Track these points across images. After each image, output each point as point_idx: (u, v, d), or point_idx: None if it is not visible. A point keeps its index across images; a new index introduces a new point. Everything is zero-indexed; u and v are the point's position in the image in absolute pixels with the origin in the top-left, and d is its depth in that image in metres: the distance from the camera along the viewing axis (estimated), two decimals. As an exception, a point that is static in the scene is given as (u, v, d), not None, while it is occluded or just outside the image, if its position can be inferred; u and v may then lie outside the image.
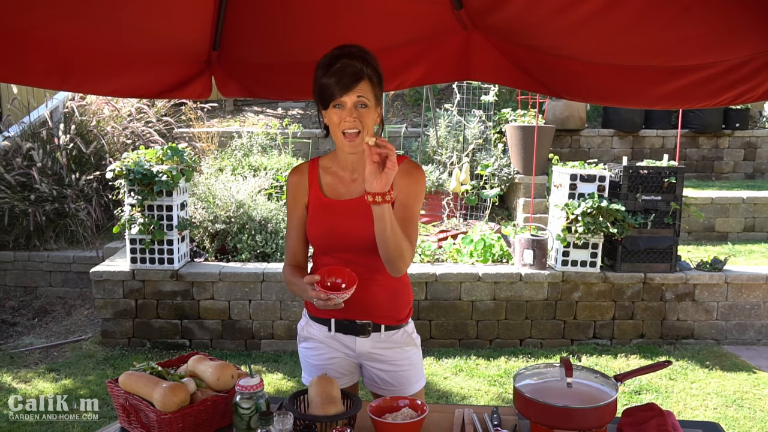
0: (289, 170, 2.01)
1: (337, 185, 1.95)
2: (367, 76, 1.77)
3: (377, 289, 1.94)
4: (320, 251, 1.99)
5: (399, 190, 1.88)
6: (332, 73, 1.75)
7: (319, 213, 1.94)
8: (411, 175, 1.90)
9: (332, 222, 1.92)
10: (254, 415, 1.60)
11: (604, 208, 4.67)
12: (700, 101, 1.85)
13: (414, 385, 2.04)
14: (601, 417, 1.64)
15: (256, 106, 8.62)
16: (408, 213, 1.88)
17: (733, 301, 4.96)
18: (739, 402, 4.01)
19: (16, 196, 5.77)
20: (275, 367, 4.51)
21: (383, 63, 1.85)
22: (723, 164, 7.89)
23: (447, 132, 6.90)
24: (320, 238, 1.95)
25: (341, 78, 1.74)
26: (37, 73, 1.92)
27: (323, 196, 1.94)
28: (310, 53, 2.29)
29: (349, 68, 1.74)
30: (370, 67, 1.78)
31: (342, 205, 1.92)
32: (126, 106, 6.80)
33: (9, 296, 5.67)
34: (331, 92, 1.75)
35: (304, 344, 2.09)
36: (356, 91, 1.75)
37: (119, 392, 1.76)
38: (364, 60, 1.77)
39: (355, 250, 1.91)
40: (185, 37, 2.26)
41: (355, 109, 1.77)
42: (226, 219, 5.22)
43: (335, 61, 1.75)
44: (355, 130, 1.78)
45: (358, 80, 1.75)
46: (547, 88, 2.24)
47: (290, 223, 2.01)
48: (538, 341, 4.93)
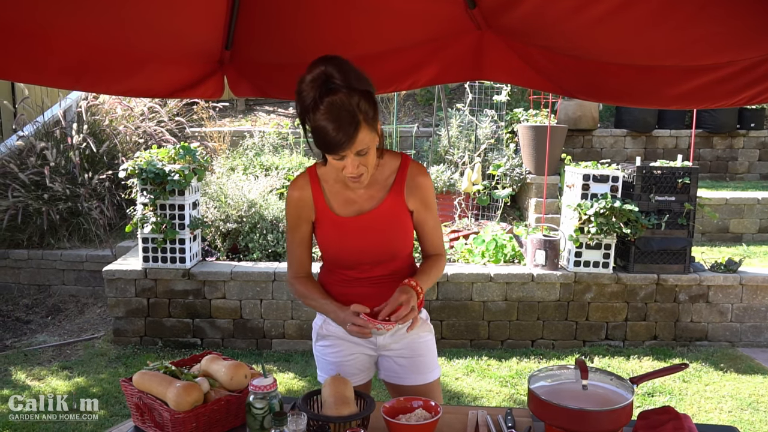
0: (288, 186, 2.01)
1: (345, 198, 1.92)
2: (362, 120, 1.65)
3: (394, 287, 1.94)
4: (330, 263, 2.01)
5: (413, 201, 1.93)
6: (324, 118, 1.61)
7: (329, 230, 1.93)
8: (420, 187, 1.93)
9: (343, 240, 1.92)
10: (267, 415, 1.60)
11: (617, 208, 4.64)
12: (716, 101, 1.83)
13: (431, 373, 2.05)
14: (617, 420, 1.63)
15: (267, 105, 8.64)
16: (430, 221, 1.98)
17: (748, 303, 4.91)
18: (754, 405, 3.97)
19: (30, 195, 5.82)
20: (286, 366, 4.52)
21: (396, 63, 1.85)
22: (737, 164, 7.82)
23: (459, 132, 6.89)
24: (332, 254, 1.97)
25: (337, 134, 1.62)
26: (52, 73, 1.93)
27: (333, 214, 1.91)
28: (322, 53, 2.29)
29: (342, 118, 1.61)
30: (356, 96, 1.64)
31: (351, 223, 1.91)
32: (138, 105, 6.83)
33: (23, 294, 5.72)
34: (326, 147, 1.66)
35: (321, 342, 2.09)
36: (355, 145, 1.66)
37: (133, 391, 1.77)
38: (349, 89, 1.63)
39: (370, 263, 1.93)
40: (198, 36, 2.26)
41: (357, 156, 1.70)
42: (237, 218, 5.23)
43: (320, 101, 1.61)
44: (360, 174, 1.75)
45: (354, 134, 1.64)
46: (561, 88, 2.22)
47: (293, 238, 1.99)
48: (549, 342, 4.90)
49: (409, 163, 1.93)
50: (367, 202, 1.90)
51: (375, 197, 1.90)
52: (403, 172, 1.92)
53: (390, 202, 1.90)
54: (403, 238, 1.95)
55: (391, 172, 1.92)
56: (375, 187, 1.90)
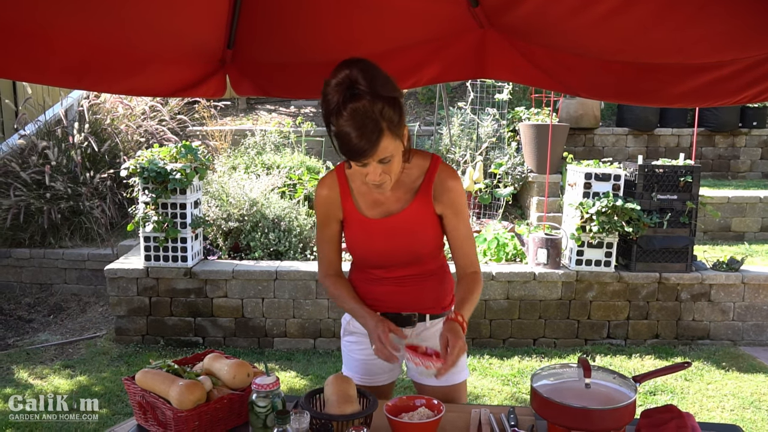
0: (317, 183, 1.95)
1: (372, 199, 1.89)
2: (386, 128, 1.61)
3: (423, 286, 1.97)
4: (359, 261, 2.01)
5: (441, 205, 1.88)
6: (348, 125, 1.58)
7: (357, 231, 1.92)
8: (448, 191, 1.87)
9: (370, 241, 1.91)
10: (270, 413, 1.60)
11: (619, 207, 4.64)
12: (719, 99, 1.83)
13: (458, 375, 2.01)
14: (620, 418, 1.63)
15: (268, 104, 8.64)
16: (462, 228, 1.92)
17: (750, 301, 4.91)
18: (756, 404, 3.97)
19: (31, 194, 5.82)
20: (288, 365, 4.52)
21: (398, 62, 1.84)
22: (740, 163, 7.81)
23: (460, 130, 6.88)
24: (359, 254, 1.97)
25: (359, 142, 1.59)
26: (54, 73, 1.92)
27: (360, 215, 1.90)
28: (324, 52, 2.29)
29: (365, 126, 1.57)
30: (380, 103, 1.59)
31: (378, 225, 1.89)
32: (140, 104, 6.84)
33: (25, 293, 5.73)
34: (349, 154, 1.63)
35: (348, 338, 2.10)
36: (378, 154, 1.63)
37: (136, 389, 1.77)
38: (374, 96, 1.59)
39: (396, 264, 1.93)
40: (200, 36, 2.26)
41: (379, 164, 1.67)
42: (239, 217, 5.23)
43: (343, 107, 1.58)
44: (382, 182, 1.73)
45: (377, 143, 1.60)
46: (563, 86, 2.22)
47: (322, 236, 1.98)
48: (551, 341, 4.90)
49: (439, 166, 1.88)
50: (394, 204, 1.88)
51: (402, 199, 1.88)
52: (432, 175, 1.87)
53: (417, 205, 1.87)
54: (429, 242, 1.92)
55: (419, 173, 1.88)
56: (402, 189, 1.87)
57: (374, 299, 1.97)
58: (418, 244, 1.91)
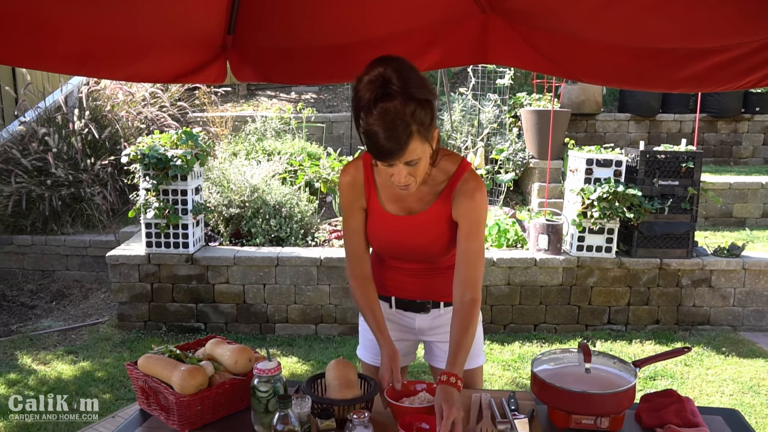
0: (341, 170, 1.91)
1: (395, 194, 1.85)
2: (416, 131, 1.56)
3: (436, 279, 1.98)
4: (380, 253, 2.01)
5: (457, 213, 1.81)
6: (377, 124, 1.54)
7: (377, 223, 1.91)
8: (468, 201, 1.79)
9: (388, 235, 1.91)
10: (272, 398, 1.61)
11: (620, 193, 4.63)
12: (723, 84, 1.82)
13: (474, 360, 2.00)
14: (620, 403, 1.64)
15: (269, 90, 8.61)
16: (472, 244, 1.80)
17: (751, 287, 4.91)
18: (755, 389, 3.99)
19: (32, 181, 5.82)
20: (290, 350, 4.54)
21: (400, 47, 1.83)
22: (742, 149, 7.78)
23: (461, 116, 6.86)
24: (377, 245, 1.97)
25: (387, 143, 1.55)
26: (54, 59, 1.92)
27: (381, 209, 1.88)
28: (325, 38, 2.28)
29: (395, 127, 1.53)
30: (412, 105, 1.55)
31: (397, 221, 1.87)
32: (140, 90, 6.81)
33: (27, 279, 5.75)
34: (376, 153, 1.60)
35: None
36: (405, 156, 1.59)
37: (138, 375, 1.78)
38: (406, 97, 1.54)
39: (416, 260, 1.94)
40: (200, 21, 2.25)
41: (406, 166, 1.63)
42: (240, 203, 5.23)
43: (377, 103, 1.53)
44: (407, 184, 1.69)
45: (405, 146, 1.56)
46: (566, 72, 2.21)
47: (349, 226, 1.93)
48: (552, 326, 4.92)
49: (465, 173, 1.82)
50: (415, 204, 1.85)
51: (424, 200, 1.84)
52: (455, 181, 1.82)
53: (437, 209, 1.84)
54: (444, 245, 1.89)
55: (445, 177, 1.82)
56: (426, 189, 1.83)
57: (390, 285, 2.00)
58: (434, 246, 1.89)
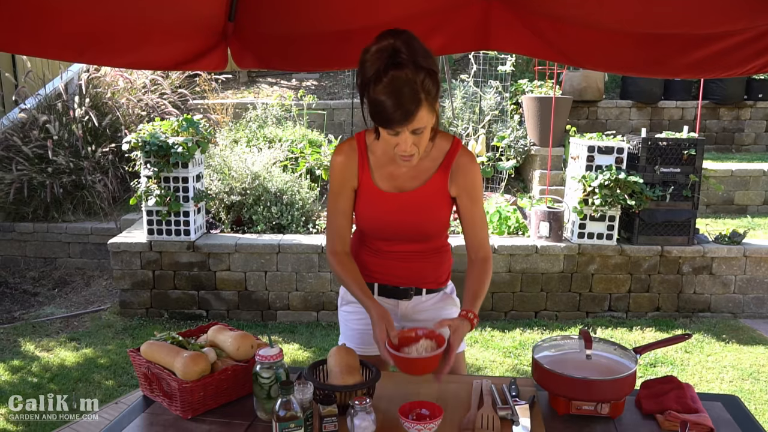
0: (335, 148, 1.91)
1: (389, 173, 1.87)
2: (424, 99, 1.59)
3: (424, 264, 1.98)
4: (365, 231, 1.98)
5: (456, 188, 1.87)
6: (385, 92, 1.56)
7: (369, 201, 1.90)
8: (466, 174, 1.86)
9: (380, 213, 1.89)
10: (274, 384, 1.62)
11: (621, 180, 4.62)
12: (727, 70, 1.80)
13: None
14: (620, 389, 1.64)
15: (270, 77, 8.57)
16: (477, 213, 1.91)
17: (751, 274, 4.92)
18: (755, 375, 4.00)
19: (33, 169, 5.82)
20: (291, 337, 4.56)
21: None
22: (744, 136, 7.75)
23: (463, 103, 6.84)
24: (367, 225, 1.95)
25: (396, 110, 1.57)
26: (54, 46, 1.91)
27: (374, 186, 1.87)
28: (327, 24, 2.26)
29: (405, 94, 1.56)
30: (422, 74, 1.58)
31: (391, 198, 1.87)
32: (140, 78, 6.79)
33: (29, 267, 5.76)
34: (382, 121, 1.62)
35: (345, 308, 2.10)
36: (413, 124, 1.61)
37: (141, 361, 1.79)
38: (416, 66, 1.57)
39: (400, 238, 1.93)
40: (201, 8, 2.23)
41: (412, 134, 1.65)
42: (241, 191, 5.23)
43: (387, 71, 1.56)
44: (411, 154, 1.71)
45: (414, 112, 1.59)
46: (568, 58, 2.19)
47: (335, 205, 1.93)
48: (553, 313, 4.93)
49: (459, 149, 1.87)
50: (410, 181, 1.86)
51: (419, 178, 1.86)
52: (452, 156, 1.86)
53: (433, 185, 1.86)
54: (437, 222, 1.91)
55: (439, 154, 1.86)
56: (421, 167, 1.85)
57: (374, 270, 1.98)
58: (428, 222, 1.90)
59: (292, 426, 1.46)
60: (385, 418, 1.62)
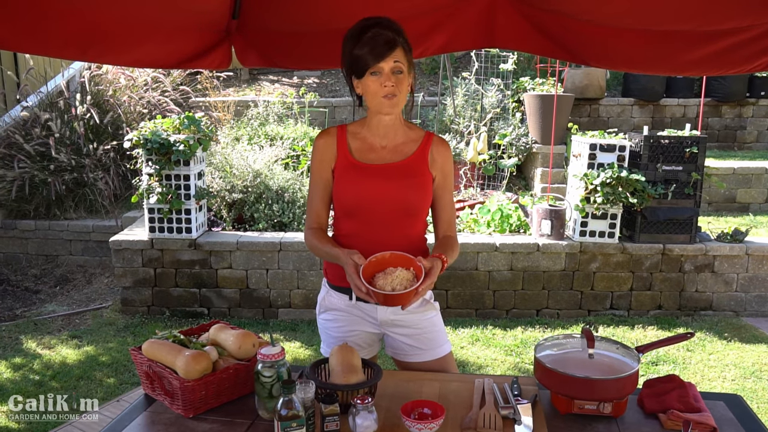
0: (317, 133, 2.00)
1: (367, 151, 1.94)
2: (401, 44, 1.80)
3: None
4: (344, 214, 1.96)
5: (437, 169, 1.96)
6: (365, 42, 1.77)
7: (348, 174, 1.92)
8: (442, 156, 1.98)
9: (361, 184, 1.90)
10: (276, 383, 1.61)
11: (623, 178, 4.61)
12: (733, 67, 1.79)
13: (441, 348, 2.04)
14: (622, 388, 1.64)
15: (271, 74, 8.57)
16: (447, 196, 2.02)
17: (754, 272, 4.91)
18: (757, 374, 4.00)
19: (35, 166, 5.82)
20: (292, 335, 4.56)
21: (406, 31, 1.83)
22: (746, 134, 7.74)
23: (464, 101, 6.83)
24: (348, 200, 1.93)
25: (376, 46, 1.77)
26: (58, 44, 1.90)
27: (354, 159, 1.93)
28: (331, 22, 2.25)
29: (383, 36, 1.77)
30: (401, 36, 1.82)
31: (371, 169, 1.91)
32: (142, 75, 6.78)
33: (31, 264, 5.76)
34: (367, 60, 1.78)
35: (324, 315, 2.09)
36: (392, 57, 1.78)
37: (143, 359, 1.79)
38: (395, 29, 1.80)
39: (381, 213, 1.90)
40: (205, 6, 2.23)
41: (392, 74, 1.80)
42: (243, 188, 5.23)
43: (366, 30, 1.78)
44: (394, 94, 1.81)
45: (393, 47, 1.78)
46: (572, 55, 2.18)
47: (315, 185, 1.99)
48: (554, 312, 4.93)
49: (433, 136, 1.99)
50: (390, 155, 1.93)
51: (400, 153, 1.94)
52: (428, 142, 1.97)
53: (414, 160, 1.93)
54: (420, 195, 1.92)
55: (418, 137, 1.97)
56: (400, 146, 1.94)
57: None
58: (410, 195, 1.90)
59: (293, 425, 1.46)
60: (386, 417, 1.62)
